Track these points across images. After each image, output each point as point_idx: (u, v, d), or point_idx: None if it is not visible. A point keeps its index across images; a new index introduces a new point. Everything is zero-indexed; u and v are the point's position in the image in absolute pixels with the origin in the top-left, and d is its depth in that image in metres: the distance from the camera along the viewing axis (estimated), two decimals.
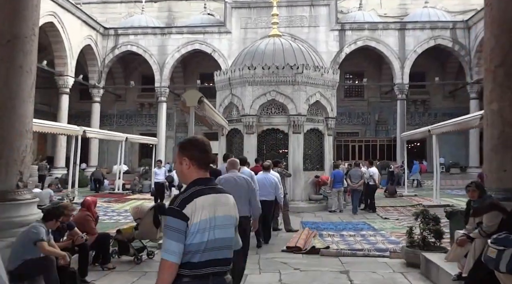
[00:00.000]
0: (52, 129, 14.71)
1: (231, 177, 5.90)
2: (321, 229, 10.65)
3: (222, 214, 2.46)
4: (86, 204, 6.74)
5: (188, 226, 2.33)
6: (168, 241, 2.32)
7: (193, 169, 2.51)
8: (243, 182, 5.81)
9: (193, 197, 2.39)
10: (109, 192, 21.13)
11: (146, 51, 29.00)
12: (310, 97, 15.22)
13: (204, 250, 2.36)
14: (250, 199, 5.74)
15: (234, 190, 5.55)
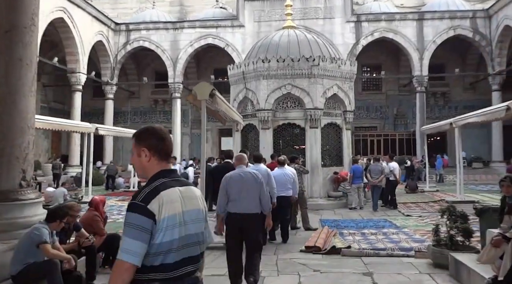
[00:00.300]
0: (64, 127, 14.53)
1: (237, 173, 5.69)
2: (341, 227, 10.26)
3: (191, 208, 2.24)
4: (94, 203, 6.46)
5: (155, 223, 2.08)
6: (129, 240, 2.05)
7: (154, 161, 2.27)
8: (249, 177, 5.59)
9: (158, 191, 2.13)
10: (124, 190, 20.96)
11: (159, 46, 28.80)
12: (327, 90, 14.79)
13: (178, 248, 2.14)
14: (259, 195, 5.51)
15: (240, 187, 5.48)
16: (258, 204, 5.49)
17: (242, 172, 5.70)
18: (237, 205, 5.42)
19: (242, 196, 5.42)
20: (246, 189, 5.45)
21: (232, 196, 5.46)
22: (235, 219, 5.42)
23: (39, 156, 29.29)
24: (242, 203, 5.41)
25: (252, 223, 5.43)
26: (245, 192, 5.44)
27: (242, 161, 5.94)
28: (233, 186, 5.50)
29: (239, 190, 5.45)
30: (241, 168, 5.80)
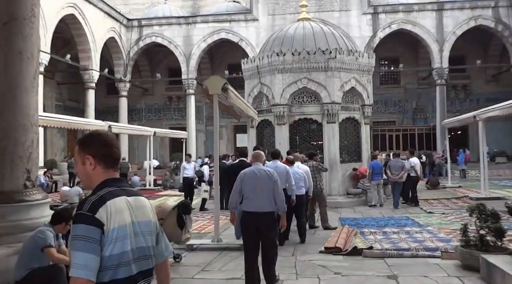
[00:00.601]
0: (77, 125, 14.40)
1: (252, 171, 5.59)
2: (362, 226, 9.91)
3: (143, 219, 2.10)
4: None
5: (104, 234, 1.91)
6: (78, 253, 1.87)
7: (99, 169, 2.10)
8: (264, 175, 5.47)
9: (105, 200, 1.97)
10: (140, 188, 20.84)
11: (171, 42, 28.63)
12: (345, 84, 14.41)
13: (129, 262, 1.98)
14: (274, 194, 5.38)
15: (254, 184, 5.38)
16: (273, 202, 5.38)
17: (256, 169, 5.56)
18: (251, 203, 5.35)
19: (256, 194, 5.34)
20: (261, 187, 5.35)
21: (246, 193, 5.40)
22: (249, 218, 5.35)
23: (54, 155, 29.46)
24: (256, 201, 5.33)
25: (267, 222, 5.34)
26: (259, 190, 5.35)
27: (259, 159, 5.78)
28: (247, 183, 5.42)
29: (253, 188, 5.37)
30: (257, 166, 5.66)
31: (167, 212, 6.20)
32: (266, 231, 5.32)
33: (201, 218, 11.90)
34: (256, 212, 5.30)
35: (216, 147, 7.90)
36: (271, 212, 5.38)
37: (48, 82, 29.02)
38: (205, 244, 8.13)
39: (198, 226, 10.45)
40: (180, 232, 6.41)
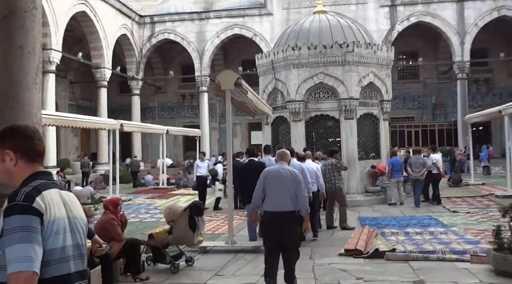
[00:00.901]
0: (89, 124, 14.30)
1: (276, 169, 5.54)
2: (382, 225, 9.57)
3: (77, 215, 1.97)
4: (105, 205, 6.02)
5: (43, 224, 1.77)
6: (17, 246, 1.68)
7: (22, 164, 1.93)
8: (288, 174, 5.41)
9: (40, 190, 1.83)
10: (154, 187, 20.76)
11: (184, 38, 28.45)
12: (363, 78, 14.06)
13: (68, 259, 1.85)
14: (296, 193, 5.29)
15: (278, 184, 5.33)
16: (295, 202, 5.28)
17: (281, 168, 5.50)
18: (273, 202, 5.29)
19: (279, 193, 5.28)
20: (284, 187, 5.29)
21: (269, 192, 5.35)
22: (271, 218, 5.29)
23: (68, 154, 29.55)
24: (278, 200, 5.27)
25: (288, 222, 5.23)
26: (282, 189, 5.28)
27: (284, 158, 5.68)
28: (271, 182, 5.38)
29: (276, 187, 5.31)
30: (282, 165, 5.58)
31: (178, 214, 5.96)
32: (287, 231, 5.21)
33: (215, 217, 11.67)
34: (277, 211, 5.23)
35: (229, 144, 7.65)
36: (293, 212, 5.27)
37: (61, 81, 29.09)
38: (218, 246, 7.87)
39: (211, 226, 10.22)
40: (192, 235, 6.15)
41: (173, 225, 5.99)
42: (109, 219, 5.72)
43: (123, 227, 6.01)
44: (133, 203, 15.51)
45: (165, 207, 6.16)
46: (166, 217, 6.03)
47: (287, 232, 5.20)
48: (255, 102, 8.55)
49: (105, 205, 5.95)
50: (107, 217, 5.77)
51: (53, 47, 19.98)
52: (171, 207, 6.10)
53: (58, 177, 18.79)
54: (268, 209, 5.32)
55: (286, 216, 5.20)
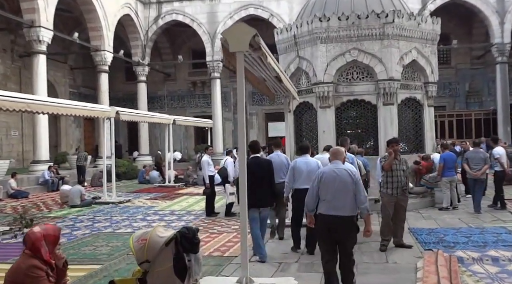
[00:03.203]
0: (75, 111, 12.03)
1: (331, 170, 5.13)
2: (449, 244, 7.21)
3: None
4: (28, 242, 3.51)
5: None
6: None
7: None
8: (344, 174, 5.04)
9: None
10: (159, 185, 18.54)
11: (194, 19, 26.09)
12: (404, 56, 11.72)
13: None
14: (356, 196, 4.97)
15: (334, 186, 4.99)
16: (354, 206, 5.00)
17: (336, 168, 5.11)
18: (330, 206, 4.98)
19: (336, 196, 4.97)
20: (342, 189, 4.97)
21: (324, 195, 5.05)
22: (326, 222, 4.98)
23: (70, 147, 27.50)
24: (336, 204, 4.95)
25: (346, 227, 4.95)
26: (340, 192, 4.97)
27: (338, 156, 5.21)
28: (326, 184, 5.06)
29: (332, 189, 5.00)
30: (336, 164, 5.16)
31: (157, 250, 3.60)
32: (344, 239, 4.97)
33: (225, 227, 9.44)
34: (334, 215, 4.92)
35: (242, 135, 5.22)
36: (352, 216, 5.00)
37: (60, 67, 27.09)
38: None
39: (221, 243, 7.93)
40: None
41: (148, 269, 3.63)
42: (30, 268, 3.29)
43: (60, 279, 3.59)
44: (132, 205, 13.30)
45: (135, 238, 3.71)
46: (137, 255, 3.63)
47: (345, 238, 4.95)
48: (278, 73, 6.13)
49: (29, 242, 3.51)
50: (26, 263, 3.33)
51: (42, 24, 17.70)
52: (144, 238, 3.64)
53: (49, 172, 16.80)
54: (324, 213, 5.00)
55: (344, 220, 4.91)
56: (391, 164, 7.35)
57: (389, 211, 7.29)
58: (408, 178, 7.50)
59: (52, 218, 11.15)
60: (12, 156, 22.18)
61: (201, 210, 11.69)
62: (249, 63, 5.79)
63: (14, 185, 15.36)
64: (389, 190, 7.30)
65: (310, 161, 7.28)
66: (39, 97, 11.22)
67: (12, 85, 22.48)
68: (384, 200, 7.38)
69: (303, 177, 7.09)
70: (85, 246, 7.95)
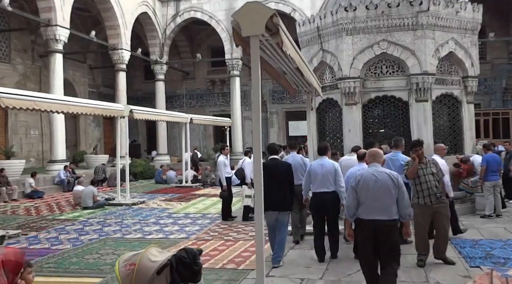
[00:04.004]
0: (86, 109, 11.45)
1: (370, 173, 4.89)
2: (499, 260, 6.24)
3: None
4: None
5: None
6: None
7: None
8: (385, 178, 4.81)
9: None
10: (176, 185, 17.97)
11: (212, 17, 25.41)
12: (440, 47, 10.69)
13: None
14: (397, 199, 4.77)
15: (374, 189, 4.78)
16: (395, 210, 4.78)
17: (376, 172, 4.91)
18: (370, 210, 4.77)
19: (376, 200, 4.77)
20: (382, 193, 4.77)
21: (363, 199, 4.83)
22: (367, 227, 4.79)
23: (89, 146, 27.22)
24: (376, 208, 4.75)
25: (388, 231, 4.73)
26: (380, 196, 4.77)
27: (377, 158, 5.02)
28: (365, 188, 4.84)
29: (372, 193, 4.79)
30: (375, 167, 4.98)
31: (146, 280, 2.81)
32: (387, 241, 4.74)
33: (242, 233, 8.76)
34: (375, 220, 4.74)
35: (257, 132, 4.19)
36: (394, 220, 4.82)
37: (80, 66, 26.81)
38: None
39: (235, 253, 7.14)
40: None
41: None
42: None
43: None
44: (146, 207, 12.75)
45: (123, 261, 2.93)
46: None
47: (387, 243, 4.73)
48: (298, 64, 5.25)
49: None
50: None
51: (58, 23, 17.47)
52: (133, 263, 2.85)
53: (65, 172, 16.56)
54: (363, 217, 4.85)
55: (385, 225, 4.74)
56: (415, 171, 6.40)
57: (423, 224, 6.35)
58: (441, 181, 6.50)
59: (62, 220, 10.86)
60: (32, 155, 22.26)
61: (218, 213, 11.10)
62: (265, 52, 4.98)
63: (33, 184, 15.20)
64: (421, 200, 6.31)
65: (325, 163, 6.89)
66: (48, 95, 10.67)
67: (32, 85, 22.48)
68: (416, 212, 6.31)
69: (318, 180, 6.80)
70: (90, 253, 7.46)
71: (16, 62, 22.40)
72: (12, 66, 22.16)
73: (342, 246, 6.84)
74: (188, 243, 8.02)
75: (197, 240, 8.32)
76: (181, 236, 8.76)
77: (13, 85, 19.32)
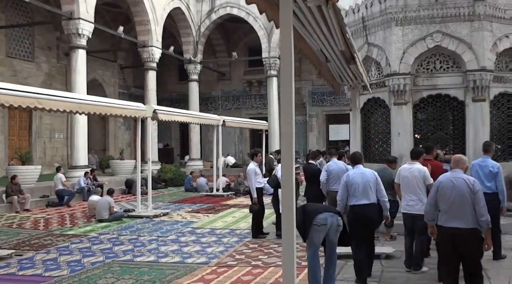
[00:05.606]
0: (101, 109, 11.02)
1: (449, 179, 5.02)
2: None
3: None
4: None
5: None
6: None
7: None
8: (462, 184, 4.90)
9: None
10: (207, 194, 17.55)
11: (250, 13, 25.16)
12: (498, 41, 10.11)
13: None
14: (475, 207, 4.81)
15: (451, 195, 4.91)
16: (474, 217, 4.82)
17: (454, 177, 4.99)
18: (448, 217, 4.93)
19: (453, 207, 4.90)
20: (459, 199, 4.86)
21: (442, 206, 5.02)
22: (447, 235, 4.93)
23: (119, 150, 27.26)
24: (454, 215, 4.89)
25: (467, 242, 4.82)
26: (456, 202, 4.87)
27: (460, 165, 5.11)
28: (444, 194, 4.98)
29: (449, 200, 4.92)
30: (455, 173, 5.05)
31: None
32: (468, 251, 4.83)
33: (274, 256, 7.90)
34: (453, 227, 4.86)
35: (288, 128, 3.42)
36: (472, 230, 4.83)
37: (109, 66, 27.00)
38: None
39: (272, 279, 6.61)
40: None
41: None
42: None
43: None
44: (168, 219, 12.02)
45: None
46: None
47: (468, 253, 4.83)
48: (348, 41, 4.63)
49: None
50: None
51: (81, 16, 16.95)
52: None
53: (85, 179, 16.02)
54: (443, 224, 4.98)
55: (463, 234, 4.80)
56: None
57: None
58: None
59: (70, 236, 9.98)
60: (56, 160, 22.13)
61: (248, 228, 10.21)
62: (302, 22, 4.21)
63: (63, 179, 14.96)
64: None
65: (365, 172, 6.58)
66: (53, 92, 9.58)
67: (58, 85, 22.13)
68: None
69: (359, 191, 6.37)
70: (87, 283, 6.59)
71: (40, 60, 22.17)
72: (37, 64, 21.92)
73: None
74: (207, 270, 7.06)
75: (218, 266, 7.31)
76: (200, 260, 7.78)
77: (39, 85, 18.91)
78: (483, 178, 6.96)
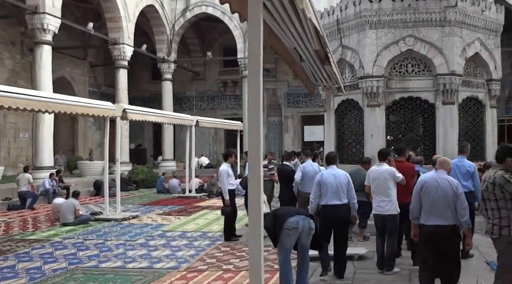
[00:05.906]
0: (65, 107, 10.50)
1: (433, 179, 5.32)
2: None
3: None
4: None
5: None
6: None
7: None
8: (446, 185, 5.19)
9: None
10: (179, 196, 17.49)
11: (225, 12, 25.22)
12: (467, 47, 10.65)
13: None
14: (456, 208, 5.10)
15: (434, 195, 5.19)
16: (455, 215, 5.11)
17: (439, 178, 5.28)
18: (429, 215, 5.20)
19: (435, 206, 5.17)
20: (442, 199, 5.15)
21: (424, 204, 5.27)
22: (428, 233, 5.19)
23: (88, 151, 26.92)
24: (435, 213, 5.16)
25: (449, 239, 5.11)
26: (439, 202, 5.15)
27: (444, 166, 5.43)
28: (427, 193, 5.26)
29: (432, 199, 5.20)
30: (440, 173, 5.35)
31: None
32: (450, 248, 5.12)
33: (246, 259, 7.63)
34: (435, 225, 5.12)
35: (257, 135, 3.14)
36: (453, 225, 5.14)
37: (79, 64, 26.66)
38: None
39: None
40: None
41: None
42: None
43: None
44: (138, 222, 11.77)
45: None
46: None
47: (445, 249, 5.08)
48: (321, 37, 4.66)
49: None
50: None
51: (47, 10, 16.48)
52: None
53: (51, 181, 15.66)
54: (424, 222, 5.26)
55: (442, 230, 5.08)
56: None
57: None
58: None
59: (32, 241, 9.54)
60: (21, 160, 21.45)
61: (220, 230, 10.04)
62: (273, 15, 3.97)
63: (31, 180, 14.49)
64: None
65: (338, 173, 6.75)
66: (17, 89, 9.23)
67: (22, 82, 21.12)
68: None
69: (331, 192, 6.58)
70: None
71: (4, 56, 21.53)
72: (0, 61, 21.28)
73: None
74: (176, 276, 6.84)
75: (187, 271, 7.10)
76: (169, 264, 7.56)
77: (2, 82, 18.37)
78: (460, 177, 7.23)
